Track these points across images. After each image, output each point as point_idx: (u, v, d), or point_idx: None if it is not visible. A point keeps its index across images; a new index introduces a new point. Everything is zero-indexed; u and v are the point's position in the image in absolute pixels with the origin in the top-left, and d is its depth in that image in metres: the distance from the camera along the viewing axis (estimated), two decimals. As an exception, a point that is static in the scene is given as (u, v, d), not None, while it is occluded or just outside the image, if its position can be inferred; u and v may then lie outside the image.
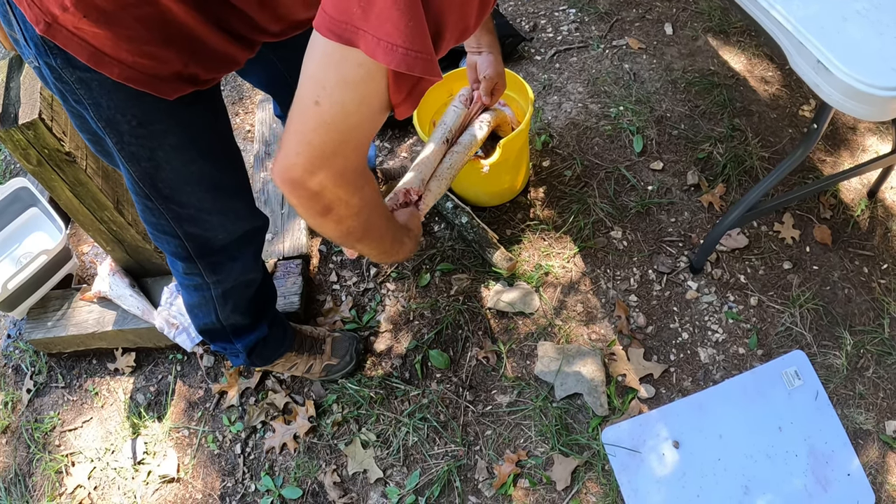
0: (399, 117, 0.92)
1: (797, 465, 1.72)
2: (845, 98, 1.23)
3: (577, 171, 2.26)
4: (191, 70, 1.10)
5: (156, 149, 1.18)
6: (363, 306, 2.09)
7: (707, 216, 2.12)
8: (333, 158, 0.89)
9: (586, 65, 2.55)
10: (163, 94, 1.09)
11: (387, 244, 1.21)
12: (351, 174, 0.94)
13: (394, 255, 1.27)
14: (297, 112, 0.86)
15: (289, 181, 0.90)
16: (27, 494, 1.94)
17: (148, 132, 1.15)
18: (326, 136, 0.87)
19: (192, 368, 2.07)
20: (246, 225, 1.44)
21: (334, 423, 1.90)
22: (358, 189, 0.97)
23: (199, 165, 1.25)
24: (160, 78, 1.07)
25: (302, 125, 0.86)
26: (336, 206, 0.95)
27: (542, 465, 1.78)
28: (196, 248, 1.38)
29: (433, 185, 1.60)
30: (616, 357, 1.91)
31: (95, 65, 1.02)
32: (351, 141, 0.89)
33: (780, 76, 2.42)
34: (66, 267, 2.13)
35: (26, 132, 1.52)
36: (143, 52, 1.02)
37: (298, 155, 0.88)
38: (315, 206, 0.94)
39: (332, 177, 0.90)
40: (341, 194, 0.94)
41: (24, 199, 2.17)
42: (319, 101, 0.84)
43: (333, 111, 0.85)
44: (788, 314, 1.93)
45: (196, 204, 1.30)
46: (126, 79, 1.04)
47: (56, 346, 2.10)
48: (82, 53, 1.01)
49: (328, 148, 0.88)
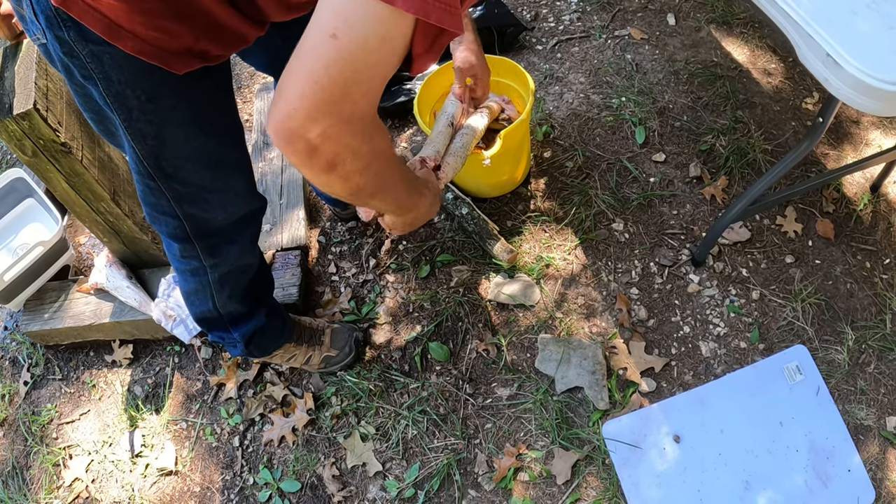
0: (415, 71, 0.89)
1: (798, 460, 1.72)
2: (855, 93, 1.22)
3: (578, 162, 2.24)
4: (201, 45, 1.10)
5: (163, 125, 1.18)
6: (362, 298, 2.08)
7: (709, 209, 2.11)
8: (342, 102, 0.81)
9: (588, 55, 2.53)
10: (173, 68, 1.09)
11: (403, 196, 1.15)
12: (358, 122, 0.86)
13: (412, 208, 1.22)
14: (308, 47, 0.79)
15: (286, 132, 0.82)
16: (25, 487, 1.93)
17: (156, 107, 1.15)
18: (339, 74, 0.79)
19: (190, 360, 2.05)
20: (245, 206, 1.44)
21: (333, 416, 1.89)
22: (367, 139, 0.90)
23: (202, 141, 1.25)
24: (171, 52, 1.07)
25: (312, 61, 0.79)
26: (342, 159, 0.88)
27: (543, 459, 1.78)
28: (194, 228, 1.38)
29: (450, 160, 1.59)
30: (617, 350, 1.90)
31: (110, 37, 1.01)
32: (364, 83, 0.82)
33: (784, 68, 2.40)
34: (63, 258, 2.11)
35: (21, 123, 1.50)
36: (156, 26, 1.02)
37: (303, 98, 0.80)
38: (317, 161, 0.86)
39: (337, 124, 0.83)
40: (348, 142, 0.87)
41: (21, 189, 2.15)
42: (338, 34, 0.77)
43: (353, 46, 0.78)
44: (790, 308, 1.92)
45: (198, 182, 1.30)
46: (139, 52, 1.04)
47: (53, 338, 2.08)
48: (97, 25, 1.00)
49: (337, 89, 0.80)
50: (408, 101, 2.36)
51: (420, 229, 2.16)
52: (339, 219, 2.23)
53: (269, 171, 2.29)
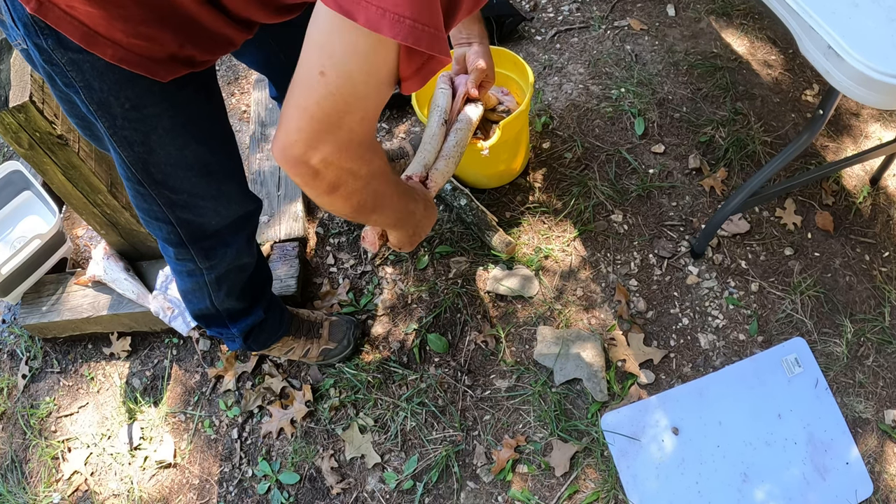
0: (405, 92, 0.89)
1: (796, 452, 1.72)
2: (856, 85, 1.21)
3: (577, 153, 2.23)
4: (186, 52, 1.07)
5: (149, 132, 1.15)
6: (361, 289, 2.08)
7: (708, 200, 2.10)
8: (337, 131, 0.86)
9: (587, 45, 2.51)
10: (157, 75, 1.06)
11: (401, 207, 1.18)
12: (356, 148, 0.90)
13: (410, 217, 1.25)
14: (300, 83, 0.83)
15: (290, 159, 0.87)
16: (24, 481, 1.93)
17: (141, 115, 1.12)
18: (332, 107, 0.83)
19: (188, 353, 2.05)
20: (239, 209, 1.41)
21: (332, 408, 1.89)
22: (367, 161, 0.94)
23: (192, 149, 1.22)
24: (154, 59, 1.04)
25: (305, 98, 0.83)
26: (343, 182, 0.92)
27: (541, 451, 1.78)
28: (188, 233, 1.36)
29: (440, 164, 1.57)
30: (616, 342, 1.90)
31: (88, 45, 0.99)
32: (357, 112, 0.86)
33: (784, 60, 2.39)
34: (61, 251, 2.10)
35: (17, 115, 1.49)
36: (137, 33, 0.99)
37: (300, 130, 0.85)
38: (320, 184, 0.91)
39: (336, 151, 0.87)
40: (349, 167, 0.91)
41: (17, 182, 2.14)
42: (325, 71, 0.81)
43: (340, 81, 0.81)
44: (789, 301, 1.92)
45: (189, 189, 1.28)
46: (119, 60, 1.01)
47: (51, 331, 2.08)
48: (74, 33, 0.97)
49: (332, 120, 0.84)
50: (406, 92, 2.35)
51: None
52: (337, 211, 2.22)
53: (267, 162, 2.28)
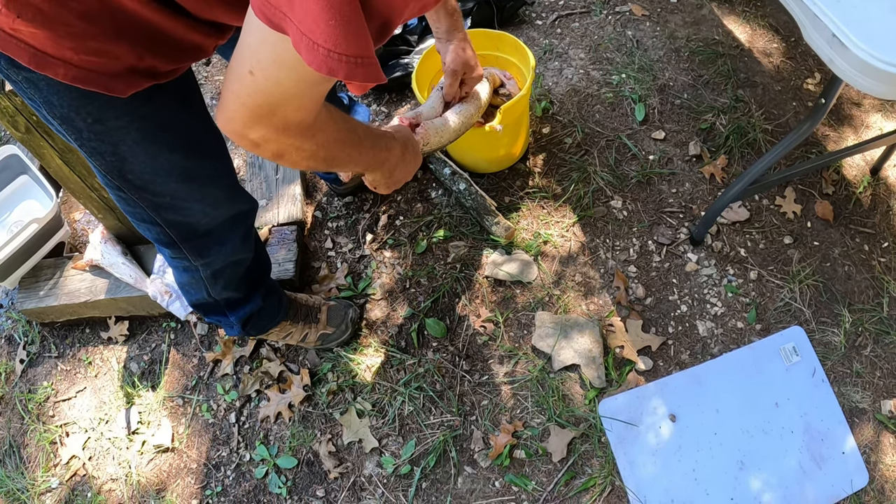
0: (354, 92, 0.87)
1: (793, 441, 1.73)
2: (860, 74, 1.20)
3: (577, 138, 2.22)
4: (147, 63, 1.00)
5: (118, 143, 1.10)
6: (359, 273, 2.07)
7: (708, 187, 2.10)
8: (272, 118, 0.88)
9: (588, 30, 2.49)
10: (115, 92, 0.99)
11: (366, 159, 1.19)
12: (295, 128, 0.92)
13: (382, 163, 1.25)
14: (233, 76, 0.85)
15: (230, 132, 0.90)
16: (22, 466, 1.93)
17: (106, 129, 1.07)
18: (263, 101, 0.85)
19: (186, 337, 2.05)
20: (229, 209, 1.37)
21: (329, 392, 1.89)
22: (309, 137, 0.96)
23: (166, 157, 1.17)
24: (111, 74, 0.97)
25: (237, 88, 0.85)
26: (286, 152, 0.96)
27: (539, 437, 1.78)
28: (178, 234, 1.33)
29: (438, 121, 1.53)
30: (614, 328, 1.90)
31: (38, 67, 0.93)
32: (290, 104, 0.88)
33: (785, 48, 2.37)
34: (58, 235, 2.09)
35: (13, 99, 1.48)
36: (89, 49, 0.93)
37: (235, 112, 0.88)
38: (263, 153, 0.94)
39: (272, 132, 0.90)
40: (289, 143, 0.94)
41: (14, 166, 2.13)
42: (254, 73, 0.82)
43: (269, 84, 0.83)
44: (788, 289, 1.92)
45: (171, 193, 1.23)
46: (73, 79, 0.95)
47: (48, 316, 2.07)
48: (23, 56, 0.92)
49: (264, 111, 0.87)
50: (405, 75, 2.33)
51: (417, 204, 2.14)
52: (335, 194, 2.22)
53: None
